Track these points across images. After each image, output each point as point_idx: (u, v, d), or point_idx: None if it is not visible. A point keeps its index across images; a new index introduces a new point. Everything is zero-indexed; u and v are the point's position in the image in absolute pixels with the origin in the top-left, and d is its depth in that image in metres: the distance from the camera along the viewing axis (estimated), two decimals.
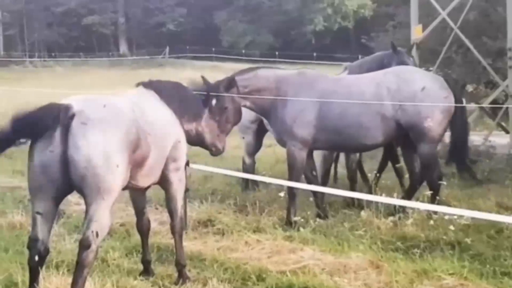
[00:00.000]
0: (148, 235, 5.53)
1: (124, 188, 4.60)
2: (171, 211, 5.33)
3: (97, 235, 4.21)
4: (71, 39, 59.33)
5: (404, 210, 6.79)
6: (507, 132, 11.94)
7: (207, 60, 50.70)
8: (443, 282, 4.99)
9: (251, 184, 8.86)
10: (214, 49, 52.86)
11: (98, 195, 4.20)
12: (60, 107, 4.24)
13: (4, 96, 22.02)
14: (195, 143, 5.73)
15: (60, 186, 4.25)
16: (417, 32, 11.62)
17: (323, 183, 8.02)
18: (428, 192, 6.98)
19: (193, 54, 53.28)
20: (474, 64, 12.35)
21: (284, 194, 7.25)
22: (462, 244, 5.87)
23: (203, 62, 49.07)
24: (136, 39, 60.74)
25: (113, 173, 4.23)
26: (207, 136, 5.72)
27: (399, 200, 6.34)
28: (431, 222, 6.36)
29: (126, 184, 4.56)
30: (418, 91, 6.96)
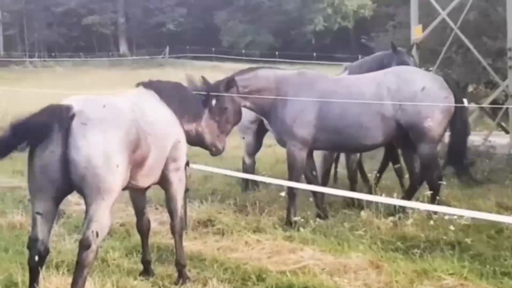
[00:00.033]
0: (148, 235, 5.53)
1: (124, 188, 4.60)
2: (171, 211, 5.33)
3: (97, 235, 4.21)
4: (71, 39, 59.37)
5: (404, 210, 6.78)
6: (507, 132, 11.93)
7: (207, 60, 50.73)
8: (443, 282, 4.99)
9: (251, 184, 8.85)
10: (214, 49, 52.89)
11: (98, 195, 4.20)
12: (62, 109, 4.23)
13: (4, 96, 22.01)
14: (195, 143, 5.73)
15: (60, 186, 4.25)
16: (417, 32, 11.61)
17: (323, 183, 8.02)
18: (428, 192, 6.97)
19: (193, 54, 53.32)
20: (474, 64, 12.34)
21: (284, 194, 7.25)
22: (462, 244, 5.87)
23: (203, 62, 49.07)
24: (136, 39, 60.77)
25: (113, 173, 4.23)
26: (207, 136, 5.72)
27: (399, 200, 6.34)
28: (431, 222, 6.36)
29: (126, 184, 4.56)
30: (418, 91, 6.96)
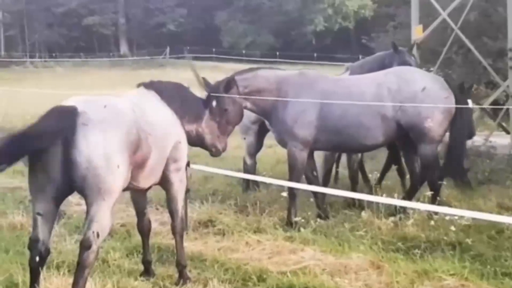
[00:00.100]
0: (149, 235, 5.53)
1: (125, 189, 4.60)
2: (172, 212, 5.32)
3: (98, 235, 4.21)
4: (71, 39, 59.42)
5: (404, 211, 6.78)
6: (508, 132, 11.92)
7: (208, 60, 50.73)
8: (443, 282, 4.99)
9: (251, 185, 8.85)
10: (214, 49, 52.90)
11: (98, 195, 4.20)
12: (70, 111, 4.21)
13: (4, 96, 22.02)
14: (195, 144, 5.72)
15: (61, 186, 4.24)
16: (417, 33, 11.59)
17: (325, 184, 8.01)
18: (429, 193, 6.97)
19: (193, 55, 53.31)
20: (474, 64, 12.32)
21: (285, 194, 7.24)
22: (463, 245, 5.87)
23: (204, 63, 49.00)
24: (137, 39, 60.80)
25: (113, 173, 4.23)
26: (207, 137, 5.71)
27: (399, 201, 6.34)
28: (432, 222, 6.36)
29: (127, 185, 4.56)
30: (419, 91, 6.96)
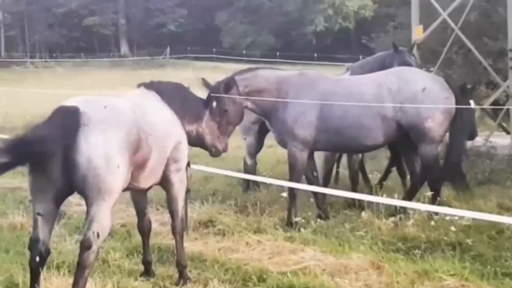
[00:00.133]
0: (149, 236, 5.53)
1: (125, 189, 4.60)
2: (172, 212, 5.32)
3: (98, 236, 4.21)
4: (72, 40, 59.42)
5: (405, 211, 6.78)
6: (508, 132, 11.92)
7: (208, 60, 50.75)
8: (444, 283, 4.99)
9: (252, 185, 8.85)
10: (214, 50, 52.90)
11: (99, 196, 4.20)
12: (74, 112, 4.21)
13: (4, 97, 22.04)
14: (195, 144, 5.72)
15: (61, 187, 4.25)
16: (418, 33, 11.59)
17: (325, 184, 8.02)
18: (429, 193, 6.97)
19: (194, 55, 53.35)
20: (475, 64, 12.31)
21: (285, 194, 7.24)
22: (463, 245, 5.87)
23: (204, 63, 49.07)
24: (137, 39, 60.80)
25: (113, 174, 4.23)
26: (207, 137, 5.70)
27: (400, 201, 6.34)
28: (432, 223, 6.36)
29: (127, 185, 4.56)
30: (419, 91, 6.96)
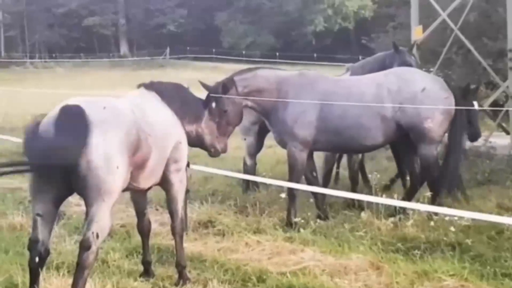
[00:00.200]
0: (149, 236, 5.53)
1: (125, 190, 4.60)
2: (172, 212, 5.32)
3: (97, 236, 4.21)
4: (71, 40, 59.42)
5: (404, 211, 6.78)
6: (508, 133, 11.91)
7: (208, 61, 50.75)
8: (443, 283, 4.99)
9: (251, 185, 8.85)
10: (214, 50, 52.90)
11: (98, 196, 4.20)
12: (81, 113, 4.21)
13: (4, 97, 22.06)
14: (195, 144, 5.72)
15: (61, 187, 4.25)
16: (417, 33, 11.58)
17: (325, 184, 8.02)
18: (429, 193, 6.98)
19: (193, 55, 53.35)
20: (474, 65, 12.31)
21: (285, 195, 7.25)
22: (463, 245, 5.86)
23: (204, 63, 49.10)
24: (137, 40, 60.80)
25: (113, 174, 4.23)
26: (207, 137, 5.70)
27: (399, 201, 6.34)
28: (432, 223, 6.35)
29: (127, 186, 4.56)
30: (419, 91, 6.96)
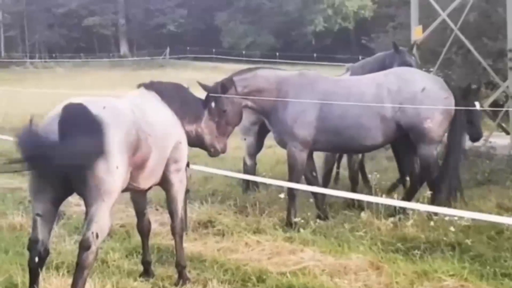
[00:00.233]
0: (149, 236, 5.53)
1: (124, 190, 4.59)
2: (172, 212, 5.32)
3: (97, 236, 4.21)
4: (71, 40, 59.44)
5: (404, 211, 6.78)
6: (508, 133, 11.91)
7: (208, 61, 50.75)
8: (443, 283, 4.99)
9: (251, 185, 8.85)
10: (214, 50, 52.90)
11: (98, 196, 4.20)
12: (86, 112, 4.22)
13: (4, 97, 22.05)
14: (195, 144, 5.73)
15: (61, 187, 4.25)
16: (417, 33, 11.58)
17: (324, 184, 8.02)
18: (428, 193, 6.98)
19: (193, 55, 53.34)
20: (474, 65, 12.31)
21: (284, 195, 7.25)
22: (463, 245, 5.87)
23: (204, 63, 49.09)
24: (137, 40, 60.80)
25: (113, 174, 4.23)
26: (207, 137, 5.70)
27: (399, 201, 6.35)
28: (431, 223, 6.35)
29: (127, 186, 4.56)
30: (418, 91, 6.96)
